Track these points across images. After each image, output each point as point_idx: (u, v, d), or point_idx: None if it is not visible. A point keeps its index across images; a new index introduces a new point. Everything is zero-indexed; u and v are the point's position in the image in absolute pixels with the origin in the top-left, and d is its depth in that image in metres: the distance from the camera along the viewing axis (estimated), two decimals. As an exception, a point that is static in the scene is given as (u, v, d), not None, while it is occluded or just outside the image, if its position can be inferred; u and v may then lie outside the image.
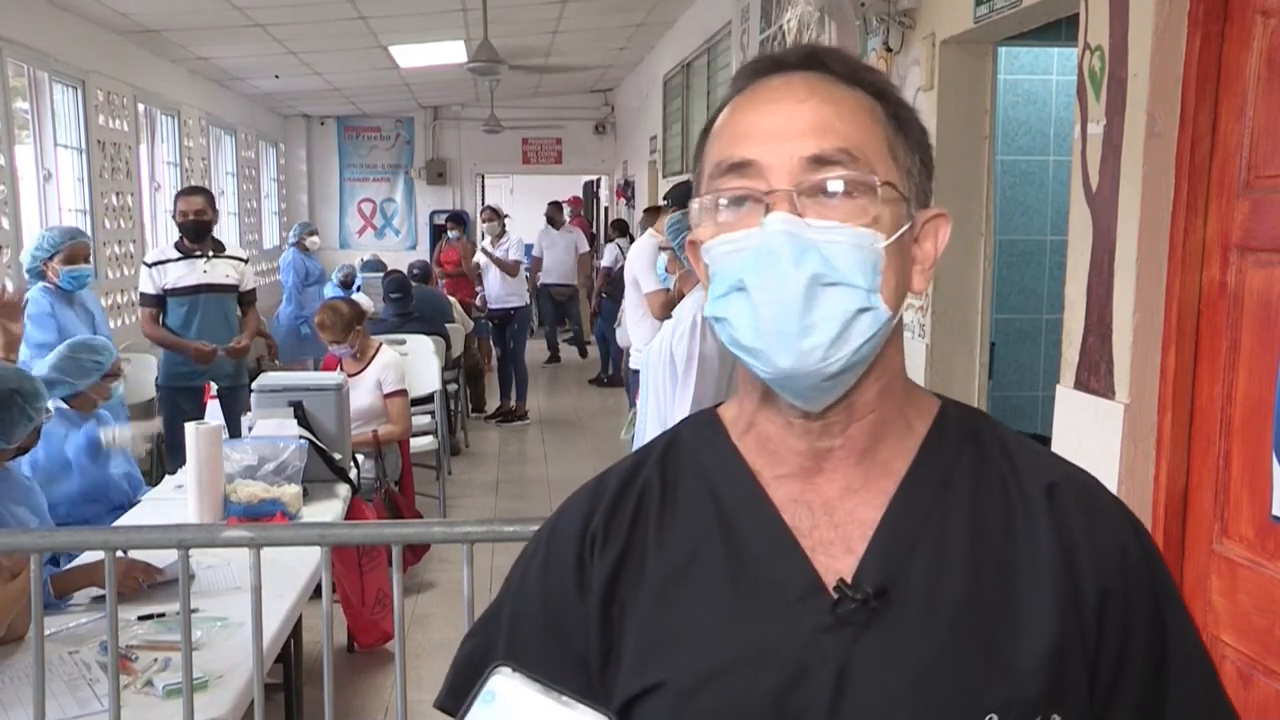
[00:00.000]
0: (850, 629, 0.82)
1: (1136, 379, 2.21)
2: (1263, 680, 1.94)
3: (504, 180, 17.20)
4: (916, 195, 0.86)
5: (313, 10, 6.93)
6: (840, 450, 0.87)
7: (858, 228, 0.81)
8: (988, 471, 0.88)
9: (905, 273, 0.86)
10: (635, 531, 0.90)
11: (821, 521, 0.86)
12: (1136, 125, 2.19)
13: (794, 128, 0.82)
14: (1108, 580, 0.85)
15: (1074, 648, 0.83)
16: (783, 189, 0.81)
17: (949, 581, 0.83)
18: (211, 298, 5.12)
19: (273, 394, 3.94)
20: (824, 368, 0.81)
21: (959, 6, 3.25)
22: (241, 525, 2.68)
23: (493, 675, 0.67)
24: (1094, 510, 0.87)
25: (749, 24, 6.17)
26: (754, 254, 0.81)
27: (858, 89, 0.86)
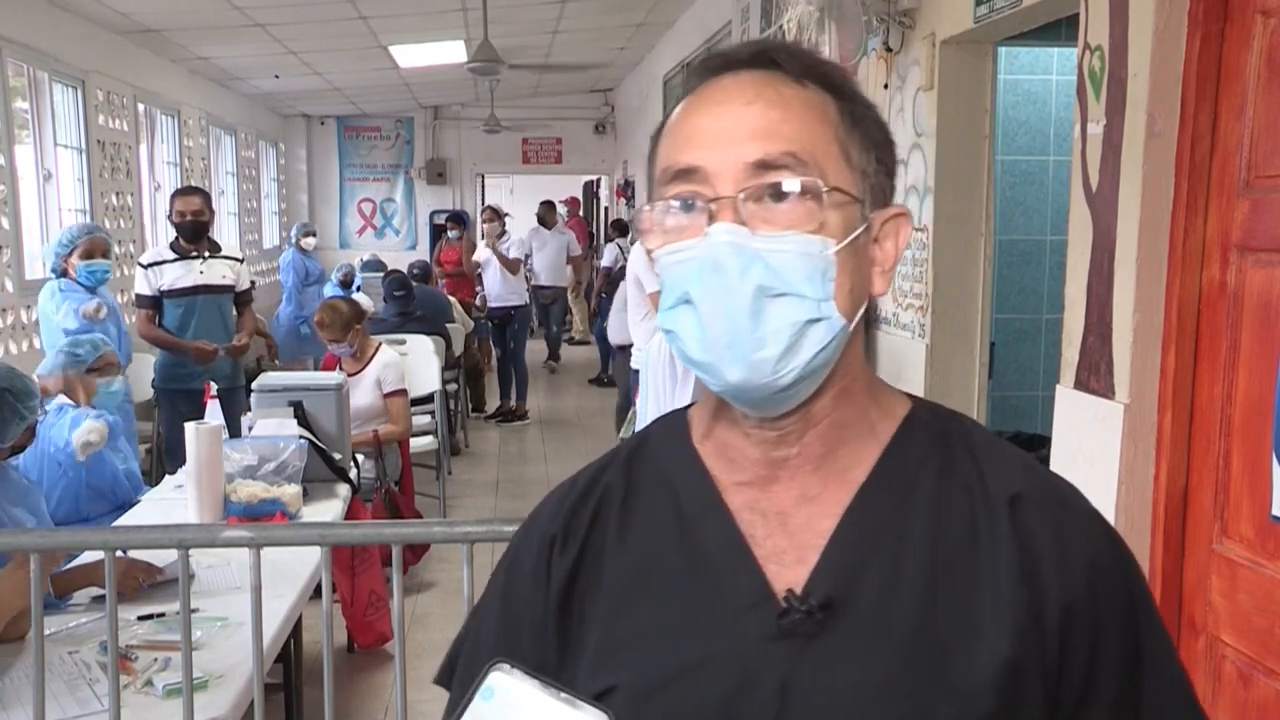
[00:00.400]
0: (796, 640, 0.80)
1: (1136, 379, 2.21)
2: (1263, 680, 1.94)
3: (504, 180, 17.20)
4: (872, 196, 0.83)
5: (313, 10, 6.93)
6: (797, 458, 0.85)
7: (805, 235, 0.78)
8: (953, 480, 0.85)
9: (862, 276, 0.83)
10: (594, 533, 0.89)
11: (776, 530, 0.84)
12: (1136, 125, 2.19)
13: (739, 131, 0.80)
14: (1073, 595, 0.81)
15: (1031, 665, 0.80)
16: (727, 196, 0.78)
17: (902, 595, 0.81)
18: (209, 299, 5.06)
19: (272, 394, 3.94)
20: (775, 380, 0.79)
21: (959, 6, 3.24)
22: (241, 525, 2.68)
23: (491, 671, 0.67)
24: (1062, 522, 0.84)
25: (749, 24, 6.17)
26: (699, 265, 0.79)
27: (810, 86, 0.83)
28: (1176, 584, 2.18)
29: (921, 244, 3.59)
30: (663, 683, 0.82)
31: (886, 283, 0.85)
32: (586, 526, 0.90)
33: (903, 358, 3.71)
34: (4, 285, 5.39)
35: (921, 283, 3.59)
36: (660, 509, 0.88)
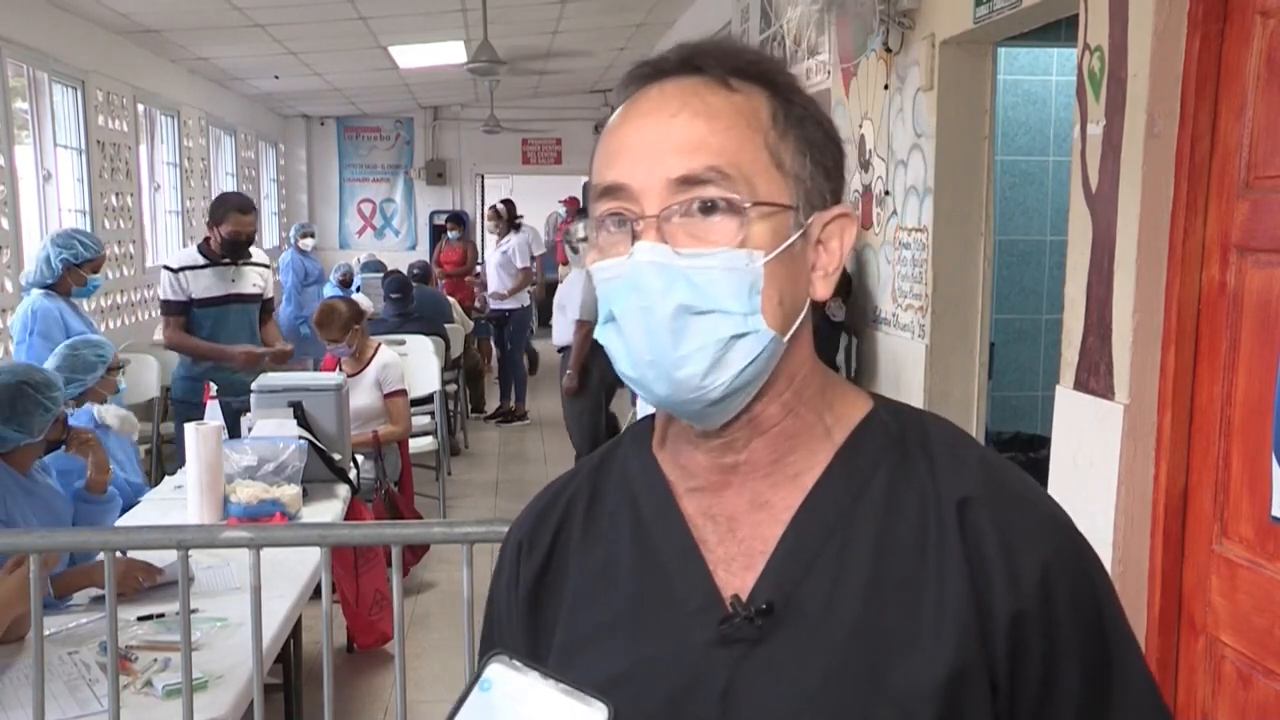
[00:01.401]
0: (739, 646, 0.81)
1: (1136, 379, 2.21)
2: (1262, 680, 1.94)
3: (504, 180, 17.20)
4: (808, 200, 0.82)
5: (313, 10, 6.93)
6: (745, 465, 0.85)
7: (730, 250, 0.78)
8: (906, 484, 0.83)
9: (799, 285, 0.82)
10: (559, 537, 0.91)
11: (726, 537, 0.85)
12: (1136, 125, 2.19)
13: (663, 147, 0.79)
14: (1024, 603, 0.79)
15: (975, 675, 0.79)
16: (650, 215, 0.78)
17: (845, 602, 0.80)
18: (240, 308, 4.76)
19: (272, 394, 3.94)
20: (704, 395, 0.79)
21: (959, 7, 3.25)
22: (241, 526, 2.68)
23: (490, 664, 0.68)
24: (1012, 526, 0.81)
25: (749, 24, 6.17)
26: (622, 284, 0.79)
27: (742, 89, 0.81)
28: (1176, 584, 2.18)
29: (921, 244, 3.59)
30: (613, 683, 0.82)
31: (829, 286, 0.84)
32: (553, 531, 0.91)
33: (902, 358, 3.71)
34: (4, 286, 5.39)
35: (921, 283, 3.59)
36: (620, 514, 0.89)
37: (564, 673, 0.80)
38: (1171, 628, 2.19)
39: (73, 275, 4.50)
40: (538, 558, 0.91)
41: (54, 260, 4.48)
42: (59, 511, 2.88)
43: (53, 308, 4.45)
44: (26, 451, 2.78)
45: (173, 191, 8.58)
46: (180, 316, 4.69)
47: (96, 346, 3.75)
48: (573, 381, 6.00)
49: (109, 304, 6.91)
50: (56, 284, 4.48)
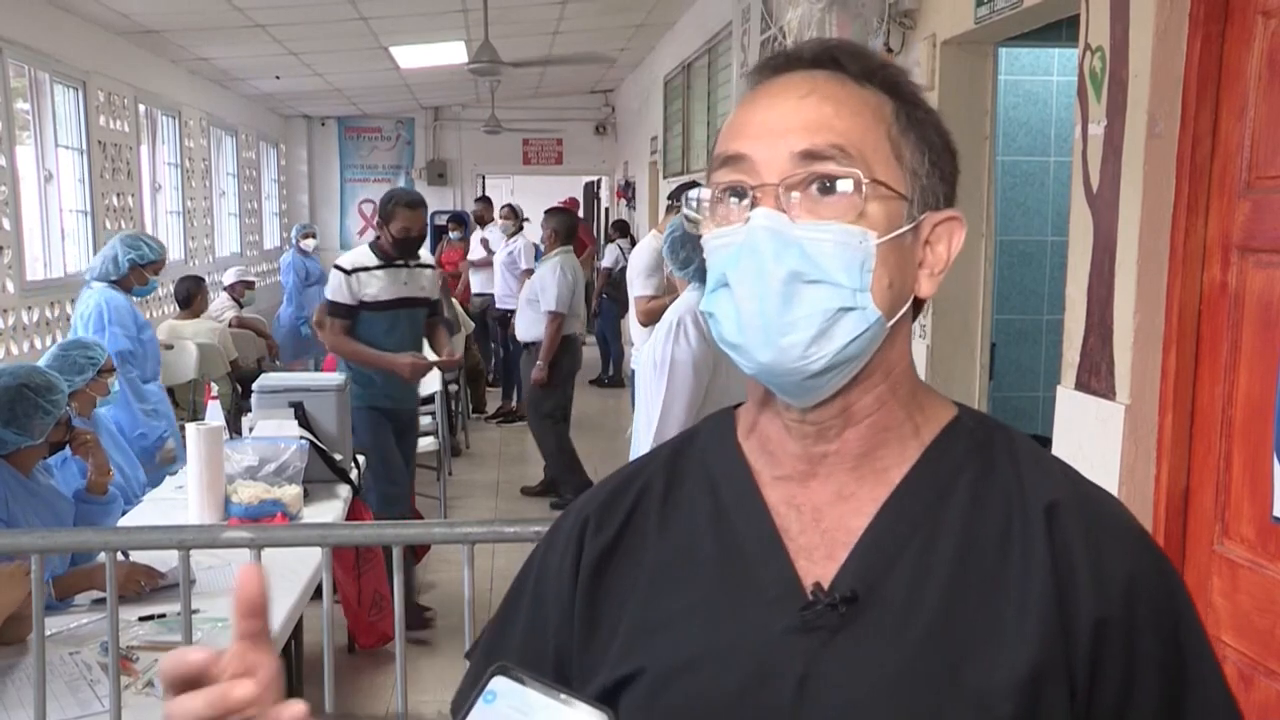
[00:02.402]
0: (819, 634, 0.81)
1: (1137, 380, 2.21)
2: (1263, 681, 1.94)
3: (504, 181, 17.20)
4: (923, 197, 0.84)
5: (313, 11, 6.93)
6: (835, 455, 0.86)
7: (845, 224, 0.80)
8: (991, 486, 0.85)
9: (906, 275, 0.84)
10: (633, 520, 0.91)
11: (810, 526, 0.86)
12: (1137, 126, 2.19)
13: (789, 123, 0.81)
14: (1108, 609, 0.80)
15: (1055, 677, 0.79)
16: (769, 184, 0.80)
17: (926, 596, 0.81)
18: (408, 313, 4.49)
19: (273, 394, 3.94)
20: (805, 365, 0.80)
21: (959, 7, 3.25)
22: (242, 526, 2.68)
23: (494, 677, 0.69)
24: (1101, 534, 0.83)
25: (749, 24, 6.17)
26: (738, 249, 0.81)
27: (868, 86, 0.84)
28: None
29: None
30: (686, 667, 0.84)
31: (934, 286, 0.85)
32: (626, 512, 0.92)
33: (903, 358, 3.71)
34: (5, 287, 5.39)
35: (922, 283, 3.59)
36: (700, 501, 0.90)
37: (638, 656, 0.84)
38: (1172, 628, 2.19)
39: (136, 274, 4.85)
40: (606, 535, 0.91)
41: (121, 259, 4.82)
42: (61, 513, 2.88)
43: (123, 301, 4.80)
44: (29, 453, 2.77)
45: (174, 192, 8.59)
46: (345, 320, 4.37)
47: (88, 349, 3.73)
48: (542, 373, 6.01)
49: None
50: (120, 280, 4.82)
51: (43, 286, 5.89)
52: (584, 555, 0.91)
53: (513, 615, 0.97)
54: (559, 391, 6.19)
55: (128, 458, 3.93)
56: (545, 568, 0.95)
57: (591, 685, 0.87)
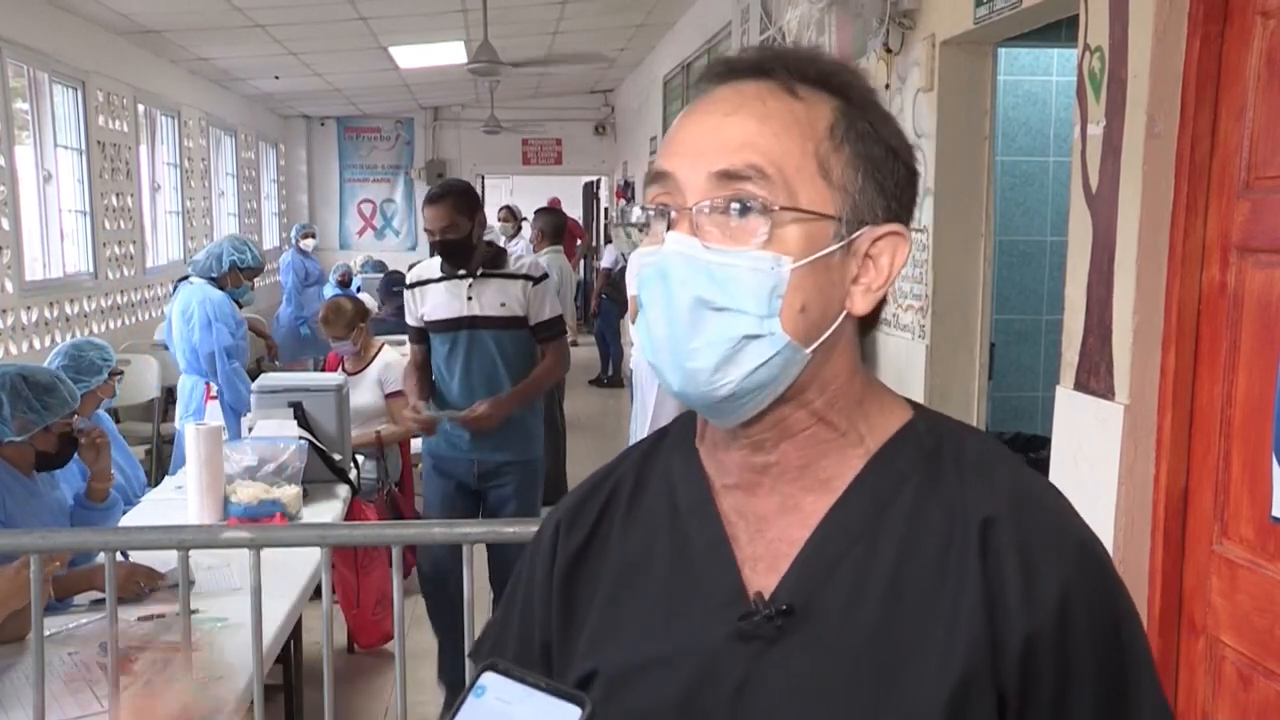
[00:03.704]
0: (757, 643, 0.82)
1: (1136, 380, 2.21)
2: (1262, 681, 1.94)
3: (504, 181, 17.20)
4: (855, 213, 0.82)
5: (313, 11, 6.93)
6: (776, 467, 0.86)
7: (756, 250, 0.79)
8: (934, 498, 0.84)
9: (830, 296, 0.82)
10: (601, 523, 0.93)
11: (756, 536, 0.86)
12: (1136, 126, 2.19)
13: (710, 143, 0.81)
14: (1038, 624, 0.80)
15: (982, 692, 0.79)
16: (685, 207, 0.80)
17: (863, 608, 0.82)
18: (472, 335, 3.54)
19: (273, 395, 3.94)
20: (713, 390, 0.81)
21: (959, 7, 3.25)
22: (241, 526, 2.68)
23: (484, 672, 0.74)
24: (1035, 549, 0.82)
25: (749, 24, 6.17)
26: (651, 272, 0.82)
27: (807, 98, 0.82)
28: (1176, 585, 2.18)
29: (921, 245, 3.59)
30: (634, 671, 0.86)
31: (870, 302, 0.84)
32: (595, 515, 0.93)
33: (903, 359, 3.71)
34: (4, 287, 5.39)
35: (921, 284, 3.59)
36: (660, 505, 0.91)
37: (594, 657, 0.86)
38: (1172, 628, 2.19)
39: (233, 276, 5.02)
40: (576, 539, 0.93)
41: (225, 259, 5.00)
42: (62, 514, 2.87)
43: (223, 298, 4.96)
44: (20, 452, 2.73)
45: (173, 192, 8.59)
46: (417, 345, 3.68)
47: (100, 349, 3.73)
48: None
49: (109, 304, 6.91)
50: (218, 279, 4.99)
51: (42, 286, 5.89)
52: (557, 558, 0.93)
53: (508, 615, 0.99)
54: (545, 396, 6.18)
55: (128, 458, 3.92)
56: (533, 568, 0.97)
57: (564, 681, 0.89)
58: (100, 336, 5.66)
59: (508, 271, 3.59)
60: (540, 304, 3.59)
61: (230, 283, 5.04)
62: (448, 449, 3.61)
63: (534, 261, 3.74)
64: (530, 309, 3.57)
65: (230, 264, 5.01)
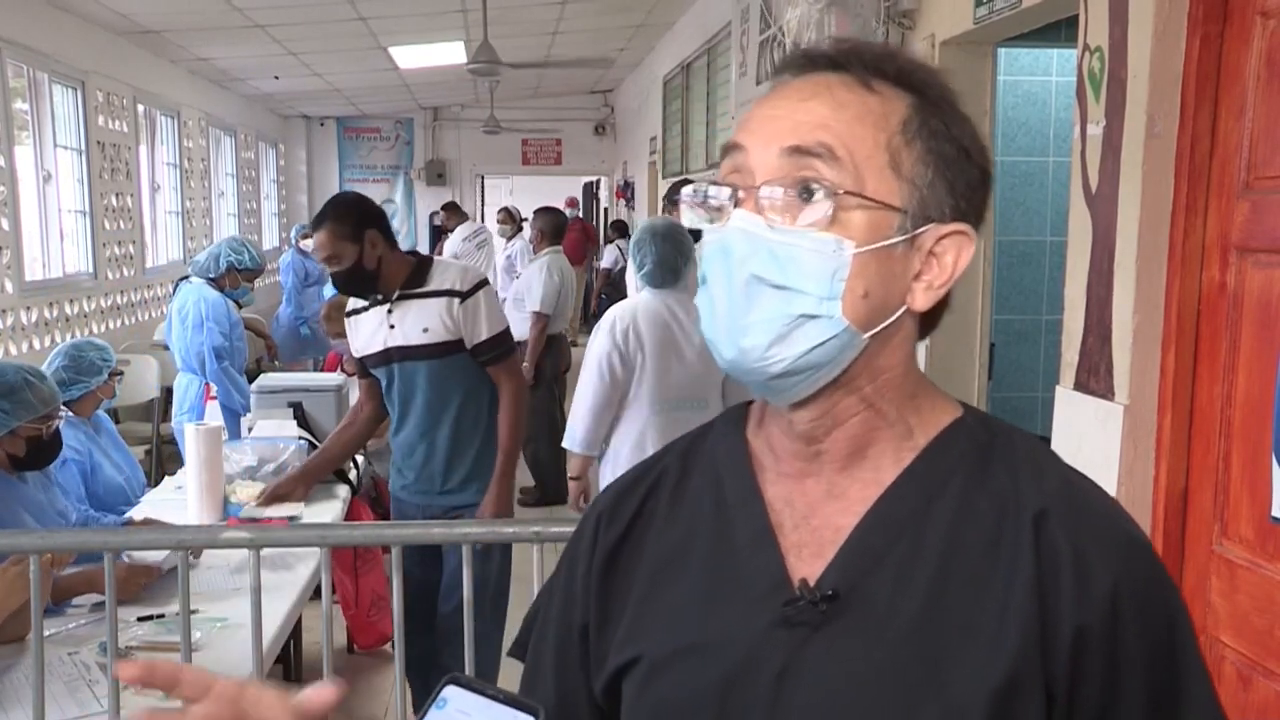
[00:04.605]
0: (801, 630, 0.83)
1: (1136, 380, 2.21)
2: (1262, 681, 1.94)
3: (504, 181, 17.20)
4: (922, 208, 0.82)
5: (313, 11, 6.93)
6: (825, 455, 0.87)
7: (819, 233, 0.80)
8: (984, 491, 0.84)
9: (892, 287, 0.83)
10: (644, 511, 0.93)
11: (801, 524, 0.87)
12: (1136, 126, 2.19)
13: (786, 123, 0.82)
14: (1089, 618, 0.80)
15: (1030, 685, 0.79)
16: (753, 186, 0.81)
17: (908, 598, 0.82)
18: (402, 368, 3.08)
19: (273, 395, 3.94)
20: (764, 366, 0.82)
21: (959, 7, 3.25)
22: (241, 526, 2.68)
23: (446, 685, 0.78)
24: (1089, 544, 0.82)
25: (749, 25, 6.17)
26: (715, 247, 0.83)
27: (883, 92, 0.83)
28: (1176, 584, 2.18)
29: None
30: (676, 656, 0.86)
31: (930, 299, 0.85)
32: (637, 505, 0.94)
33: (902, 359, 3.72)
34: (4, 287, 5.39)
35: (921, 284, 3.60)
36: (705, 494, 0.91)
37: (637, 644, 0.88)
38: (1171, 628, 2.19)
39: (230, 277, 5.04)
40: (617, 529, 0.93)
41: (222, 259, 5.02)
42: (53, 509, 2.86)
43: (219, 298, 4.95)
44: None
45: (173, 192, 8.59)
46: (363, 379, 3.27)
47: (100, 350, 3.73)
48: (528, 375, 6.02)
49: (109, 304, 6.91)
50: (216, 279, 5.00)
51: (41, 287, 5.89)
52: (598, 547, 0.94)
53: (547, 611, 0.99)
54: (545, 391, 6.19)
55: (127, 458, 3.92)
56: (573, 561, 0.97)
57: (601, 672, 0.91)
58: (100, 336, 5.66)
59: (429, 289, 3.02)
60: (474, 321, 3.01)
61: (229, 284, 5.04)
62: (400, 491, 3.22)
63: (464, 270, 3.13)
64: (464, 329, 3.01)
65: (227, 265, 5.02)
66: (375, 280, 3.03)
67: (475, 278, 3.08)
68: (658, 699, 0.86)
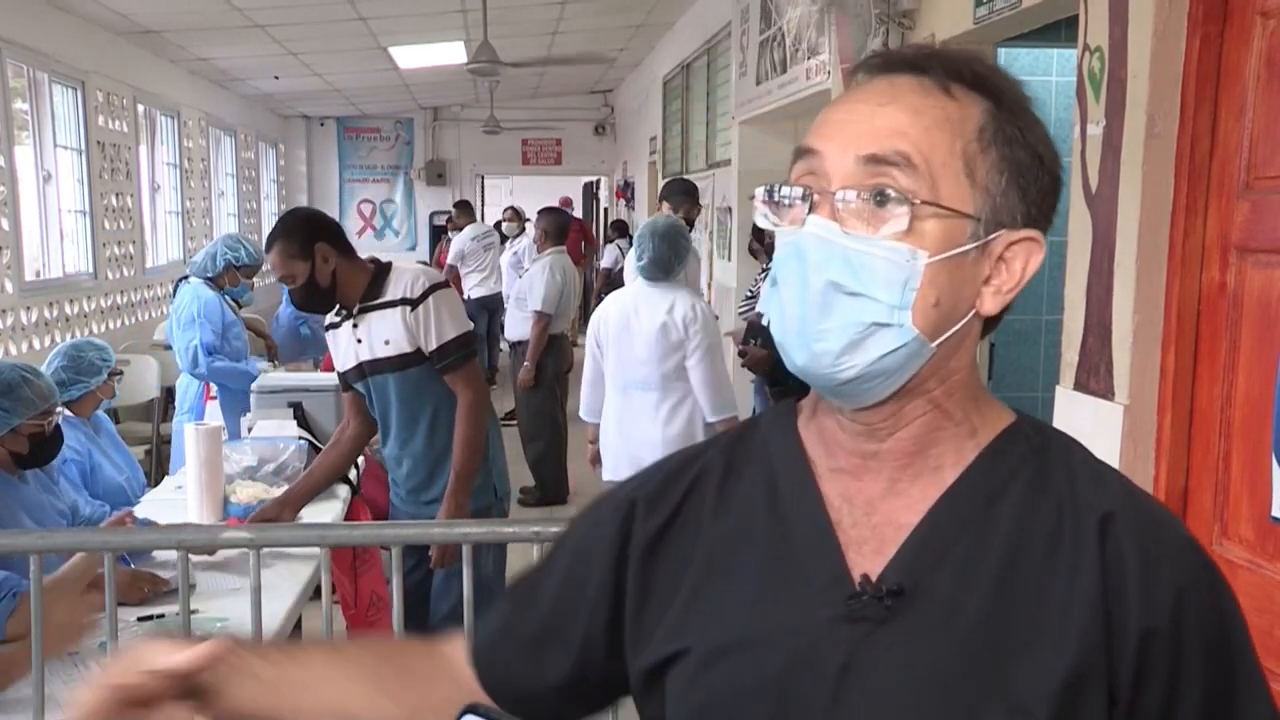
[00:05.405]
0: (863, 625, 0.83)
1: (1136, 380, 2.21)
2: (1262, 681, 1.94)
3: (504, 181, 17.20)
4: (995, 215, 0.83)
5: (313, 11, 6.93)
6: (887, 452, 0.87)
7: (894, 242, 0.80)
8: (1044, 493, 0.85)
9: (962, 293, 0.83)
10: (687, 502, 0.93)
11: (861, 520, 0.87)
12: (1136, 126, 2.19)
13: (862, 128, 0.82)
14: (1155, 621, 0.81)
15: (1094, 685, 0.80)
16: (829, 191, 0.81)
17: (972, 595, 0.82)
18: (376, 381, 3.05)
19: (272, 395, 3.94)
20: (835, 373, 0.82)
21: (959, 7, 3.25)
22: (241, 526, 2.68)
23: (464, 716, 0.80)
24: (1154, 547, 0.83)
25: (749, 24, 6.17)
26: (788, 251, 0.83)
27: (960, 98, 0.83)
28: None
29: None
30: (729, 650, 0.86)
31: (999, 304, 0.85)
32: (681, 495, 0.93)
33: (902, 359, 3.72)
34: (4, 287, 5.39)
35: (921, 284, 3.60)
36: (757, 487, 0.91)
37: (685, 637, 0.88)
38: (1171, 628, 2.19)
39: (229, 275, 5.00)
40: (660, 517, 0.93)
41: (219, 258, 4.99)
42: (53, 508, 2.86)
43: (214, 297, 4.91)
44: None
45: (173, 192, 8.59)
46: (348, 394, 3.20)
47: (100, 350, 3.73)
48: (529, 375, 6.02)
49: (109, 304, 6.91)
50: (215, 278, 4.97)
51: (41, 286, 5.89)
52: (634, 536, 0.93)
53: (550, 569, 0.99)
54: (547, 391, 6.19)
55: (127, 458, 3.92)
56: (589, 539, 0.97)
57: (640, 658, 0.91)
58: (100, 336, 5.66)
59: (385, 299, 2.95)
60: (426, 328, 2.92)
61: (228, 281, 5.04)
62: (395, 500, 3.23)
63: (417, 276, 3.00)
64: (420, 337, 2.93)
65: (225, 263, 5.01)
66: (332, 294, 2.98)
67: (427, 283, 2.97)
68: (710, 691, 0.86)
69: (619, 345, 3.70)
